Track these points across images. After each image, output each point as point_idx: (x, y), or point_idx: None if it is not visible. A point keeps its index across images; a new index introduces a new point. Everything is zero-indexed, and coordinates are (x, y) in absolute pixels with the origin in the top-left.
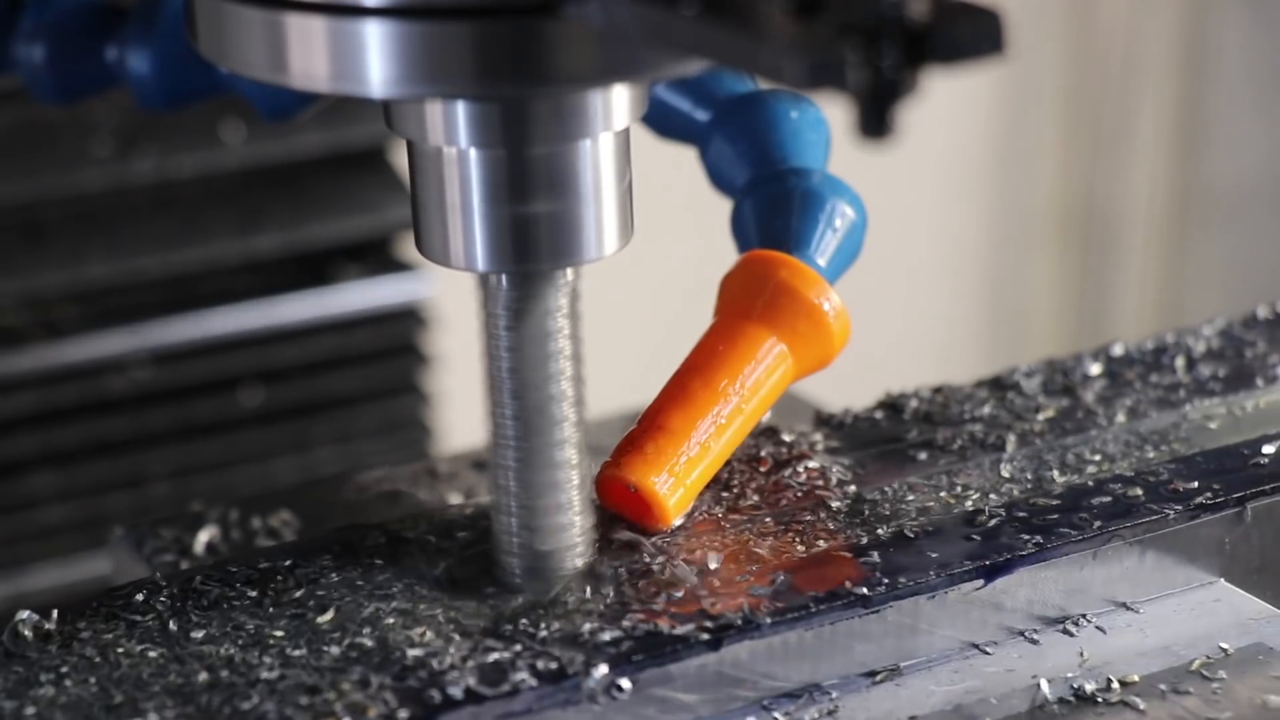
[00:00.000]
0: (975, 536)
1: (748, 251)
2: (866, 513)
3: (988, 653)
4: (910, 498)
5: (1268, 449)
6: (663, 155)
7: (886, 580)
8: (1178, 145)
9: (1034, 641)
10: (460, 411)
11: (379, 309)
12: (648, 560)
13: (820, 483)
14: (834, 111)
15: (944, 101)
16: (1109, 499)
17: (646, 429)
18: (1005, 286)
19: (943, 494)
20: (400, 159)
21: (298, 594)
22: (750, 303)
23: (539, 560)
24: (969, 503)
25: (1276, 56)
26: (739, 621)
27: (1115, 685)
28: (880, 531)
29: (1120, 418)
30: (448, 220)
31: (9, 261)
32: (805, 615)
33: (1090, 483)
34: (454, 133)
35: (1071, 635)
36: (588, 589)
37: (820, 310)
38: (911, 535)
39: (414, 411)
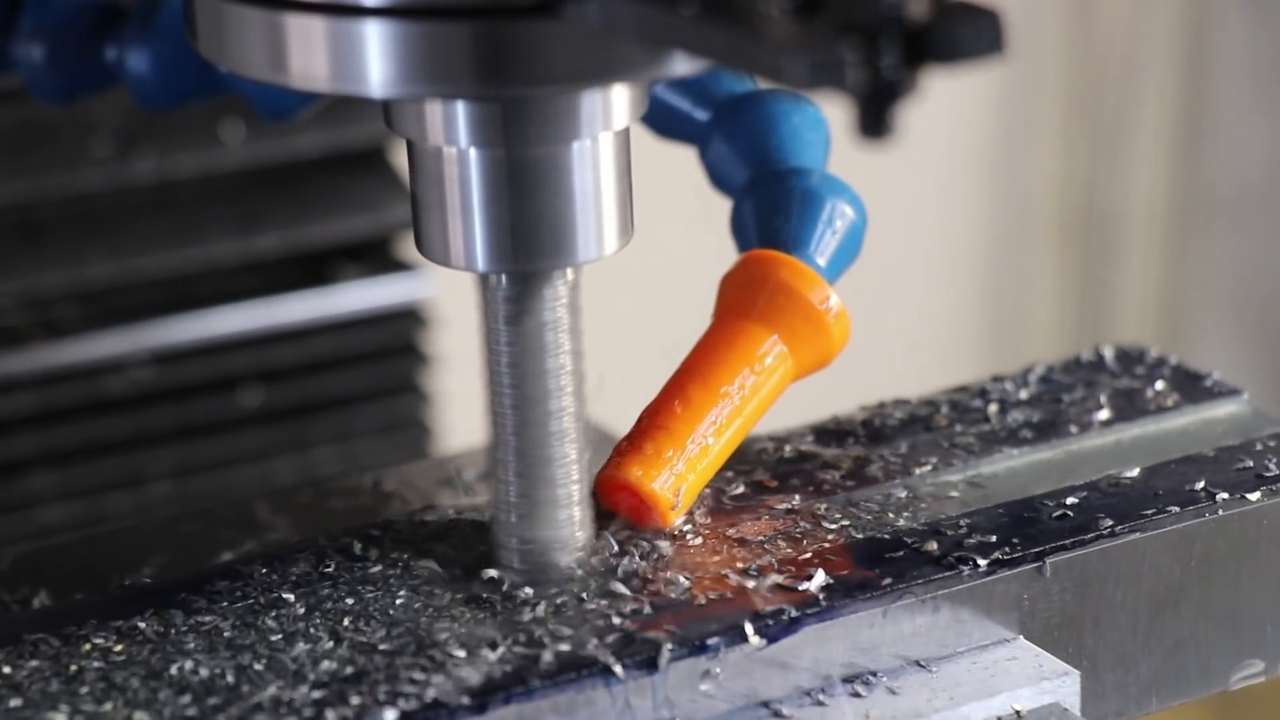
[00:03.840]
0: (760, 592)
1: (747, 251)
2: (650, 571)
3: (779, 713)
4: (694, 551)
5: (1071, 500)
6: (663, 155)
7: (667, 640)
8: (1178, 145)
9: (820, 703)
10: (460, 411)
11: (379, 309)
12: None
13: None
14: (834, 111)
15: (944, 101)
16: (902, 553)
17: (646, 429)
18: (1005, 286)
19: (728, 548)
20: (400, 159)
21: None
22: (750, 302)
23: (538, 559)
24: (759, 558)
25: (1277, 56)
26: (508, 683)
27: None
28: (662, 588)
29: (924, 468)
30: (447, 220)
31: (9, 261)
32: (579, 677)
33: (885, 536)
34: (454, 132)
35: (860, 696)
36: (582, 590)
37: (820, 311)
38: (694, 590)
39: (414, 411)
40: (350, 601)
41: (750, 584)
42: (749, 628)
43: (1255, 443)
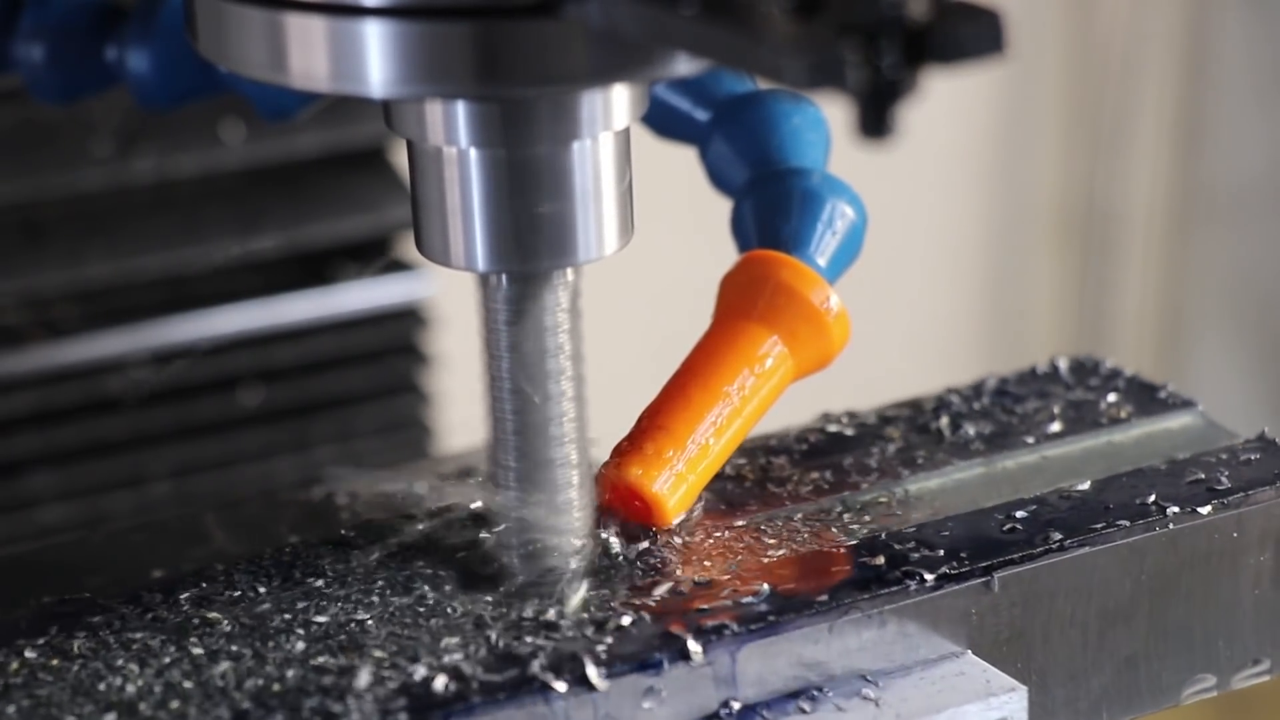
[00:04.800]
0: (704, 607)
1: (748, 252)
2: (606, 584)
3: None
4: (640, 567)
5: (1020, 514)
6: (663, 155)
7: (607, 655)
8: (1178, 145)
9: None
10: (460, 411)
11: (379, 309)
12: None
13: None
14: (834, 111)
15: (944, 101)
16: (848, 568)
17: (646, 429)
18: (1005, 286)
19: (674, 563)
20: (400, 159)
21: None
22: (750, 303)
23: (539, 560)
24: (703, 572)
25: (1277, 56)
26: (446, 700)
27: None
28: (613, 600)
29: (873, 480)
30: (447, 220)
31: (9, 261)
32: (518, 693)
33: (831, 550)
34: (454, 132)
35: (806, 712)
36: (584, 590)
37: (820, 311)
38: (639, 606)
39: (414, 411)
40: (285, 617)
41: (694, 599)
42: (692, 644)
43: (1208, 455)
